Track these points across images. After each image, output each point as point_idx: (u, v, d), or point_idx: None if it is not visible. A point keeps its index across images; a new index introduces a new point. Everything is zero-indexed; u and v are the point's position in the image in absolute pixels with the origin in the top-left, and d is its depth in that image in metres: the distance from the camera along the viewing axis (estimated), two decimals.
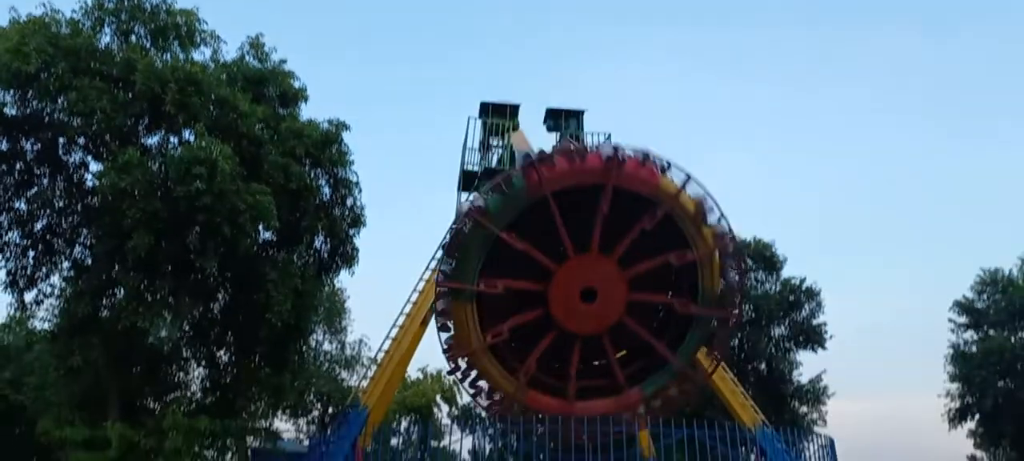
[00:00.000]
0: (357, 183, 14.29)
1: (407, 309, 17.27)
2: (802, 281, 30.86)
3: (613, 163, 11.30)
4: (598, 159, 11.57)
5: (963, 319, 32.21)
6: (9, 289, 12.65)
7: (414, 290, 17.63)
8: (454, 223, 18.85)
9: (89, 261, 12.26)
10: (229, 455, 16.92)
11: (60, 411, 12.30)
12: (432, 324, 18.88)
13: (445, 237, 18.60)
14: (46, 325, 13.57)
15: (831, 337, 30.34)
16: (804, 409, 30.50)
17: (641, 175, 11.53)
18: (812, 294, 30.60)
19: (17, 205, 12.30)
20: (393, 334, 16.99)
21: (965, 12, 79.87)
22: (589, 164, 11.60)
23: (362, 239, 14.42)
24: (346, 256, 14.08)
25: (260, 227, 12.13)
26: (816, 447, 14.79)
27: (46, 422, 12.39)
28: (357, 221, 14.11)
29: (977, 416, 31.57)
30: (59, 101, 11.87)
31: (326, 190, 13.76)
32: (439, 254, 18.07)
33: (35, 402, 13.31)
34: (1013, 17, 71.89)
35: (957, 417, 32.18)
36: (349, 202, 14.11)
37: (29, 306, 12.95)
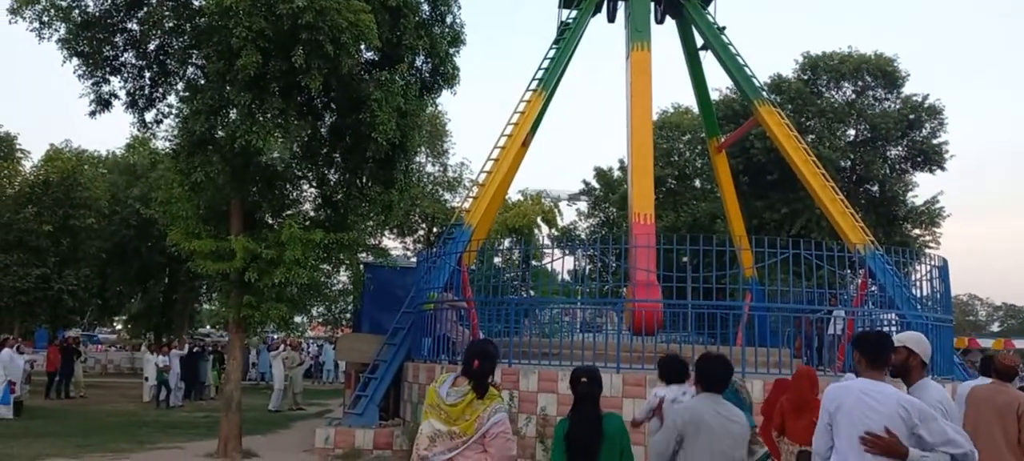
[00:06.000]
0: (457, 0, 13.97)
1: (508, 130, 17.29)
2: (925, 98, 29.08)
3: None
4: None
5: None
6: (130, 109, 13.19)
7: (515, 111, 17.57)
8: (554, 42, 18.46)
9: (202, 81, 12.59)
10: (342, 267, 17.88)
11: (187, 224, 13.03)
12: (532, 145, 19.00)
13: (548, 50, 18.28)
14: (166, 145, 14.21)
15: (952, 157, 28.85)
16: (916, 231, 29.58)
17: None
18: (935, 112, 28.88)
19: (130, 26, 12.60)
20: (495, 155, 17.13)
21: None
22: None
23: (462, 58, 14.25)
24: (447, 75, 13.95)
25: (362, 46, 12.06)
26: (927, 268, 14.34)
27: (175, 234, 13.17)
28: (457, 39, 13.86)
29: None
30: None
31: (425, 7, 13.49)
32: (540, 75, 17.87)
33: (164, 216, 14.17)
34: None
35: None
36: (449, 19, 13.83)
37: (150, 125, 13.51)
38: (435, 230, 31.79)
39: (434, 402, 4.63)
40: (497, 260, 22.83)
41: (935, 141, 29.04)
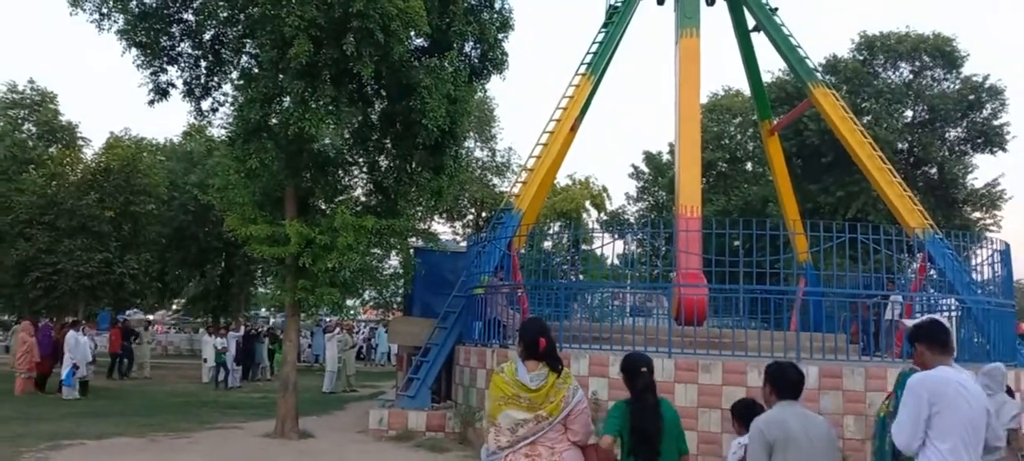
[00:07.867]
0: None
1: (556, 114, 17.25)
2: (985, 78, 28.14)
3: None
4: None
5: None
6: (187, 98, 13.51)
7: (564, 95, 17.52)
8: (603, 26, 18.32)
9: (256, 70, 12.82)
10: (393, 252, 18.07)
11: (243, 210, 13.30)
12: (581, 130, 18.94)
13: (596, 34, 18.15)
14: (222, 132, 14.53)
15: (1013, 138, 27.93)
16: (976, 214, 28.74)
17: None
18: (996, 92, 27.96)
19: (186, 16, 12.88)
20: (543, 139, 17.12)
21: None
22: None
23: (510, 43, 14.25)
24: (496, 61, 13.98)
25: (412, 33, 12.15)
26: (988, 252, 13.95)
27: (232, 220, 13.46)
28: (506, 24, 13.87)
29: None
30: None
31: None
32: (588, 59, 17.77)
33: (221, 202, 14.50)
34: None
35: None
36: (497, 5, 13.84)
37: (206, 113, 13.82)
38: (484, 215, 31.97)
39: (511, 393, 4.48)
40: (547, 244, 22.87)
41: (996, 122, 28.13)
